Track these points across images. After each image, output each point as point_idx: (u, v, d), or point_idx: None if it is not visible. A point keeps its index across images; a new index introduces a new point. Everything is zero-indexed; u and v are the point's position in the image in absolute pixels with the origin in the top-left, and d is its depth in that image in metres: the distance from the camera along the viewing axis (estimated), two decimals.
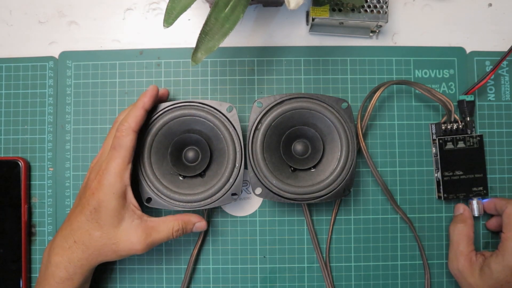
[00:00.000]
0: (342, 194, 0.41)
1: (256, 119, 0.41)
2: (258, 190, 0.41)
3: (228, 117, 0.41)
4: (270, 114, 0.41)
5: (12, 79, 0.47)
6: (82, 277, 0.38)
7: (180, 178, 0.43)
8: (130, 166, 0.39)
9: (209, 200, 0.40)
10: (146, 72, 0.47)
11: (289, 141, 0.43)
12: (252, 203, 0.46)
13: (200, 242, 0.45)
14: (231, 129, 0.41)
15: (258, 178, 0.40)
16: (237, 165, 0.41)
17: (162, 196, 0.40)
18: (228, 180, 0.40)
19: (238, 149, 0.41)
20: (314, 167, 0.43)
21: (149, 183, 0.41)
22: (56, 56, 0.47)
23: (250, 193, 0.46)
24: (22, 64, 0.47)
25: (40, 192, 0.46)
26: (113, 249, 0.38)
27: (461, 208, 0.45)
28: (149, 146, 0.41)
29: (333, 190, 0.41)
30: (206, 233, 0.46)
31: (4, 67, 0.47)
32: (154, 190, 0.40)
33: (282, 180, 0.41)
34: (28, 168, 0.46)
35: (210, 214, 0.46)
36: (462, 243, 0.43)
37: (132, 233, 0.38)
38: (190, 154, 0.43)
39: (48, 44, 0.48)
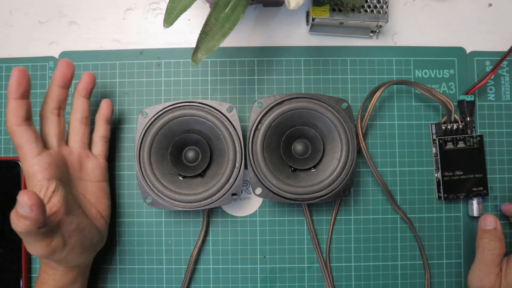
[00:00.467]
0: (342, 194, 0.41)
1: (256, 119, 0.41)
2: (258, 190, 0.41)
3: (228, 117, 0.41)
4: (270, 114, 0.41)
5: None
6: (62, 277, 0.39)
7: (180, 178, 0.43)
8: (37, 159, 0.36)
9: (209, 200, 0.40)
10: (146, 72, 0.47)
11: (289, 141, 0.43)
12: (252, 203, 0.46)
13: (200, 242, 0.45)
14: (231, 129, 0.41)
15: (258, 178, 0.40)
16: (237, 165, 0.41)
17: (162, 196, 0.40)
18: (228, 180, 0.40)
19: (238, 149, 0.41)
20: (314, 167, 0.43)
21: (149, 183, 0.41)
22: (56, 56, 0.47)
23: (250, 193, 0.46)
24: (22, 64, 0.47)
25: None
26: None
27: (492, 221, 0.41)
28: (149, 146, 0.41)
29: (333, 190, 0.41)
30: (206, 233, 0.46)
31: (4, 67, 0.47)
32: (154, 190, 0.40)
33: (282, 180, 0.41)
34: None
35: (210, 214, 0.46)
36: (497, 261, 0.40)
37: None
38: (190, 154, 0.43)
39: (48, 44, 0.48)
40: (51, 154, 0.38)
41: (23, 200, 0.31)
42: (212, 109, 0.41)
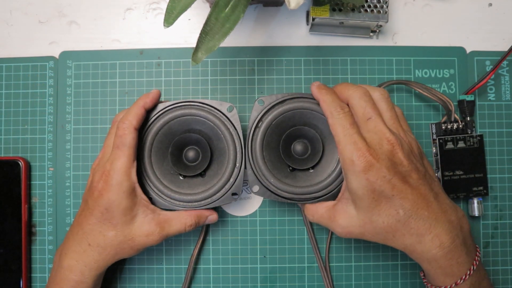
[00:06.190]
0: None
1: (257, 117, 0.41)
2: (255, 188, 0.40)
3: (229, 116, 0.41)
4: (272, 112, 0.41)
5: (12, 79, 0.47)
6: (97, 278, 0.39)
7: (181, 178, 0.43)
8: (135, 163, 0.39)
9: (209, 199, 0.40)
10: (146, 72, 0.47)
11: (289, 141, 0.43)
12: (252, 203, 0.46)
13: (200, 242, 0.45)
14: (231, 128, 0.41)
15: (256, 176, 0.40)
16: (237, 164, 0.40)
17: (162, 196, 0.40)
18: (229, 179, 0.40)
19: (238, 148, 0.41)
20: (312, 167, 0.43)
21: (149, 183, 0.41)
22: (56, 56, 0.47)
23: (250, 192, 0.46)
24: (22, 64, 0.47)
25: (40, 192, 0.46)
26: (130, 245, 0.39)
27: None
28: (150, 146, 0.41)
29: (330, 192, 0.40)
30: (206, 233, 0.46)
31: (4, 67, 0.47)
32: (155, 190, 0.40)
33: (279, 179, 0.40)
34: (29, 168, 0.46)
35: None
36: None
37: (146, 227, 0.39)
38: (191, 154, 0.43)
39: (48, 44, 0.48)
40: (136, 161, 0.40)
41: (215, 217, 0.43)
42: (212, 108, 0.41)
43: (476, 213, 0.45)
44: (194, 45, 0.35)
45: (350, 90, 0.38)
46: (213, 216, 0.42)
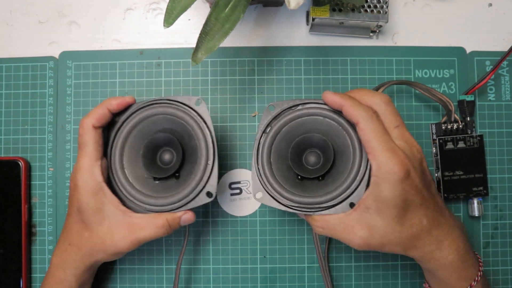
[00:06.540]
0: (349, 208, 0.37)
1: (265, 123, 0.39)
2: (259, 195, 0.39)
3: (197, 110, 0.39)
4: (282, 119, 0.39)
5: (12, 79, 0.47)
6: (79, 278, 0.39)
7: (156, 181, 0.40)
8: (99, 162, 0.38)
9: (183, 201, 0.38)
10: (146, 72, 0.47)
11: (299, 149, 0.40)
12: (252, 203, 0.46)
13: (185, 244, 0.42)
14: (201, 123, 0.39)
15: (261, 183, 0.39)
16: (209, 162, 0.38)
17: (134, 200, 0.38)
18: (202, 179, 0.38)
19: (210, 144, 0.38)
20: (322, 177, 0.40)
21: (121, 188, 0.39)
22: (56, 56, 0.47)
23: (250, 192, 0.46)
24: (22, 64, 0.47)
25: (40, 192, 0.46)
26: (101, 248, 0.37)
27: None
28: (121, 150, 0.39)
29: (340, 202, 0.37)
30: (206, 233, 0.46)
31: (4, 67, 0.47)
32: (127, 195, 0.38)
33: (286, 187, 0.38)
34: (28, 168, 0.46)
35: (210, 214, 0.46)
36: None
37: (115, 230, 0.37)
38: (163, 155, 0.41)
39: (48, 44, 0.48)
40: (103, 160, 0.39)
41: (190, 217, 0.39)
42: (181, 105, 0.39)
43: (476, 213, 0.45)
44: (194, 45, 0.35)
45: (375, 96, 0.37)
46: (186, 216, 0.38)
